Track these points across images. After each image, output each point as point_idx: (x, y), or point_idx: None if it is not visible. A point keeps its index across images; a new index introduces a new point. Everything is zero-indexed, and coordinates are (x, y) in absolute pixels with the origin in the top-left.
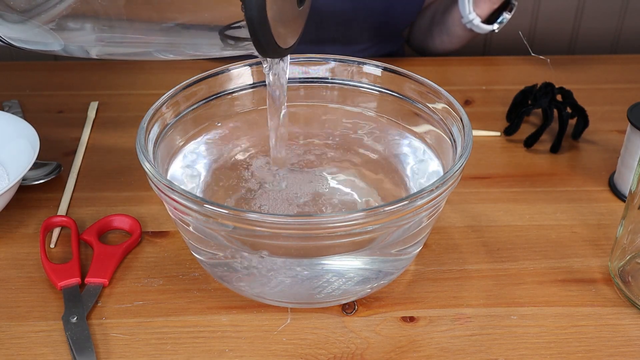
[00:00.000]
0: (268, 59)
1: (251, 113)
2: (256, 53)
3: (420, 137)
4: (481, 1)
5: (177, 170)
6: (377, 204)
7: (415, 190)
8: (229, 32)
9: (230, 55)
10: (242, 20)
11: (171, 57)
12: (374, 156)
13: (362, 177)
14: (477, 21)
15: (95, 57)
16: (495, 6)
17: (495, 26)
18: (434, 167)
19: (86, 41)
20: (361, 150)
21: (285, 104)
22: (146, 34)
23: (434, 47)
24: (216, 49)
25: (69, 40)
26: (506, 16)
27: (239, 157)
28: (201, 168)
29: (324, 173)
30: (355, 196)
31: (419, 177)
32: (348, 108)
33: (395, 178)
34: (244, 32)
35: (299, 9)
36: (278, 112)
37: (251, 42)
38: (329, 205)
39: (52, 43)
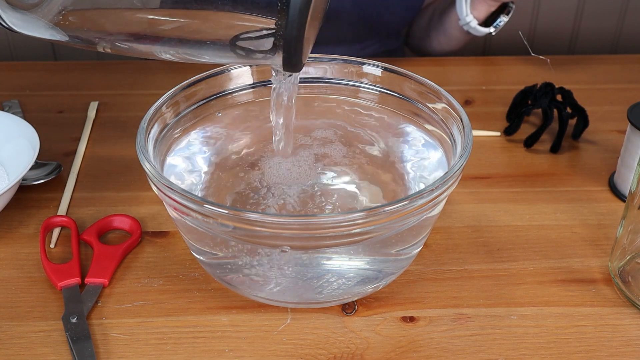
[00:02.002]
0: (283, 72)
1: (251, 108)
2: (272, 64)
3: (420, 134)
4: (478, 3)
5: (177, 166)
6: (377, 202)
7: (417, 187)
8: (241, 43)
9: (237, 63)
10: (256, 32)
11: (176, 60)
12: (374, 153)
13: (363, 173)
14: (474, 23)
15: (101, 50)
16: (493, 9)
17: (492, 29)
18: (435, 163)
19: (90, 41)
20: (361, 147)
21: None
22: (151, 48)
23: (432, 49)
24: (224, 59)
25: (75, 38)
26: (503, 19)
27: (239, 153)
28: (201, 164)
29: (324, 170)
30: (356, 193)
31: (420, 173)
32: (348, 107)
33: (395, 174)
34: (258, 44)
35: (320, 25)
36: (287, 114)
37: (265, 54)
38: (330, 202)
39: (65, 37)
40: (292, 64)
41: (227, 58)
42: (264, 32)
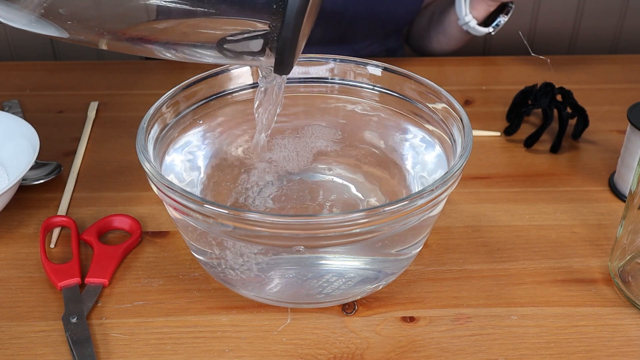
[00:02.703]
0: (272, 73)
1: (251, 107)
2: (260, 66)
3: (420, 134)
4: (477, 3)
5: (176, 166)
6: (377, 202)
7: (417, 187)
8: (229, 46)
9: (228, 64)
10: (245, 34)
11: (166, 56)
12: (374, 152)
13: (363, 173)
14: (473, 23)
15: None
16: (492, 9)
17: (491, 29)
18: (435, 163)
19: (74, 34)
20: (361, 147)
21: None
22: (137, 46)
23: (432, 48)
24: (214, 60)
25: (59, 30)
26: (502, 19)
27: (238, 152)
28: (201, 163)
29: (324, 169)
30: (356, 192)
31: (420, 173)
32: (348, 107)
33: (395, 174)
34: (246, 46)
35: (311, 27)
36: (270, 113)
37: (254, 56)
38: (329, 202)
39: (50, 30)
40: (284, 66)
41: (216, 59)
42: (254, 33)
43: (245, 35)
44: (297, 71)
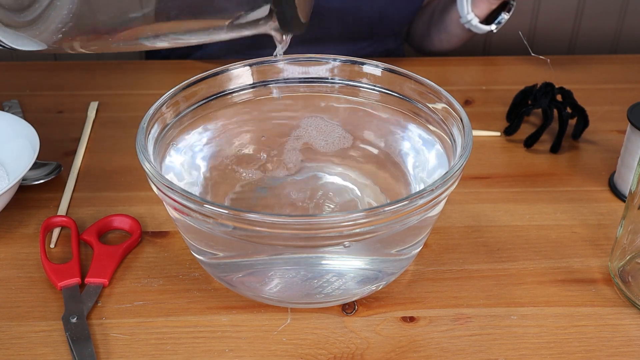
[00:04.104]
0: (283, 38)
1: (250, 107)
2: (272, 30)
3: (420, 134)
4: (479, 1)
5: (176, 166)
6: (377, 202)
7: (417, 185)
8: (240, 20)
9: (236, 36)
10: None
11: (169, 45)
12: (374, 152)
13: (363, 173)
14: (475, 21)
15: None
16: (494, 6)
17: (494, 26)
18: (435, 163)
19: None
20: (361, 147)
21: None
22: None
23: (433, 46)
24: (222, 34)
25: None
26: (504, 17)
27: (238, 152)
28: (201, 163)
29: (324, 169)
30: (356, 192)
31: (420, 173)
32: (348, 107)
33: (395, 174)
34: (256, 14)
35: None
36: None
37: (263, 21)
38: (329, 202)
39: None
40: (287, 19)
41: (226, 35)
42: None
43: (252, 5)
44: (297, 71)
